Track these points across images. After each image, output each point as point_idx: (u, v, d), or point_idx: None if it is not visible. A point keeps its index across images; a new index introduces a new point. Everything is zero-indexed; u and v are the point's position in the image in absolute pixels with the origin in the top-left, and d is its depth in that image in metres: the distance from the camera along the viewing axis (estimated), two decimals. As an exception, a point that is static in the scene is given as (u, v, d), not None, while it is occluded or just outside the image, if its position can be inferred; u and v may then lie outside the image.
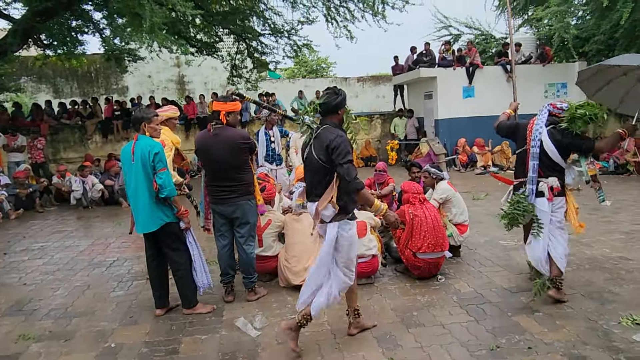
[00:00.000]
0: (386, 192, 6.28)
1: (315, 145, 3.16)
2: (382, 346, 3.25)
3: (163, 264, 3.98)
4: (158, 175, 3.65)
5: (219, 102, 4.01)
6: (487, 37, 17.56)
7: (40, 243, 6.72)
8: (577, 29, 13.04)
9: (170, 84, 18.63)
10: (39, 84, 17.53)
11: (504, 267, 4.79)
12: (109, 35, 10.24)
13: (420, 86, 14.45)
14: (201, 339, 3.49)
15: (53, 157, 13.02)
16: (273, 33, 13.31)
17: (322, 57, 30.70)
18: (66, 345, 3.48)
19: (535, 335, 3.29)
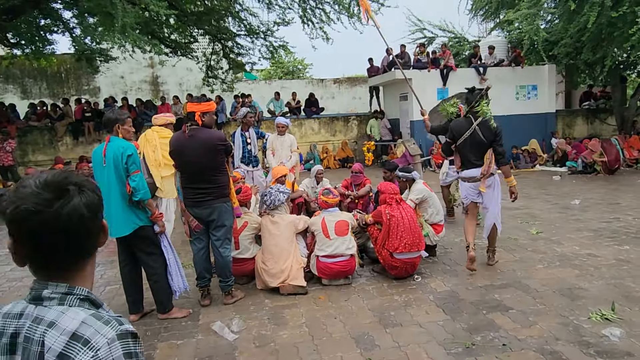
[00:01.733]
0: (363, 193, 6.31)
1: (482, 130, 4.55)
2: (360, 346, 3.26)
3: (137, 268, 3.89)
4: (131, 177, 3.57)
5: (194, 103, 3.96)
6: (461, 40, 17.89)
7: (6, 249, 6.49)
8: (547, 32, 13.41)
9: (144, 84, 18.29)
10: (6, 84, 16.95)
11: (479, 266, 4.87)
12: (79, 35, 10.00)
13: (395, 88, 14.61)
14: (177, 344, 3.43)
15: (21, 159, 12.60)
16: (249, 34, 13.26)
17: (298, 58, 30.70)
18: (35, 354, 3.37)
19: (510, 332, 3.36)
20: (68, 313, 0.92)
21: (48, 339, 0.90)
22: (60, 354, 0.88)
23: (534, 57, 14.63)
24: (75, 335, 0.89)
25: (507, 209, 7.53)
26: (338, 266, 4.37)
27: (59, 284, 0.96)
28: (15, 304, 1.00)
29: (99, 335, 0.90)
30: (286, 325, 3.67)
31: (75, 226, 0.95)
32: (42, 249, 0.95)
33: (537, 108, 14.18)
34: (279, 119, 6.94)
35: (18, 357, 0.93)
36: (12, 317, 0.97)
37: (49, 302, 0.95)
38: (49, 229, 0.93)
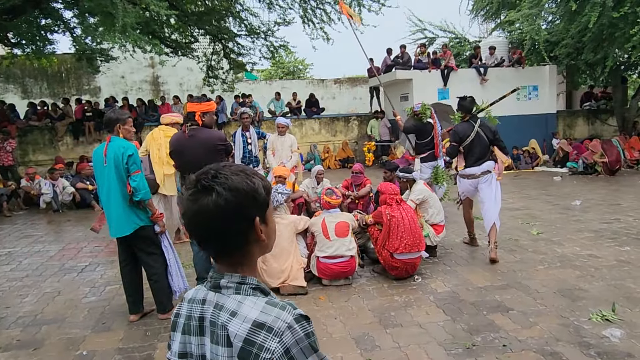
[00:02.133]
0: (363, 193, 6.30)
1: (484, 130, 5.14)
2: (360, 347, 3.26)
3: (137, 268, 3.89)
4: (132, 177, 3.57)
5: (194, 103, 3.96)
6: (461, 41, 17.88)
7: (7, 248, 6.50)
8: (548, 33, 13.40)
9: (145, 84, 18.28)
10: (7, 83, 16.94)
11: (479, 267, 4.87)
12: (80, 35, 9.99)
13: (396, 88, 14.59)
14: (177, 344, 3.42)
15: (21, 159, 12.60)
16: (249, 34, 13.24)
17: (299, 58, 30.70)
18: (35, 354, 3.36)
19: (510, 333, 3.36)
20: (246, 302, 1.02)
21: (232, 326, 0.99)
22: (246, 339, 0.97)
23: (535, 57, 14.62)
24: (258, 322, 0.98)
25: (508, 210, 7.53)
26: (338, 267, 4.36)
27: (233, 275, 1.06)
28: (197, 291, 1.12)
29: (280, 321, 0.98)
30: (286, 325, 3.66)
31: (225, 222, 1.03)
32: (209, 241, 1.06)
33: (538, 109, 14.16)
34: (279, 119, 6.94)
35: (207, 339, 1.05)
36: (196, 302, 1.10)
37: (226, 291, 1.05)
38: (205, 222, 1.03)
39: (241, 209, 1.03)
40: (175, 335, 1.12)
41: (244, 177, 1.05)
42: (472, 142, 5.11)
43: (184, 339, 1.10)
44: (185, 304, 1.13)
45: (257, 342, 0.96)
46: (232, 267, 1.07)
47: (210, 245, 1.07)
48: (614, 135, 13.59)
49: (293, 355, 0.97)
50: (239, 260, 1.08)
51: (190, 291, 1.14)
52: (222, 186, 1.02)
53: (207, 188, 1.02)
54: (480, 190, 5.17)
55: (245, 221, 1.05)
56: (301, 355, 0.98)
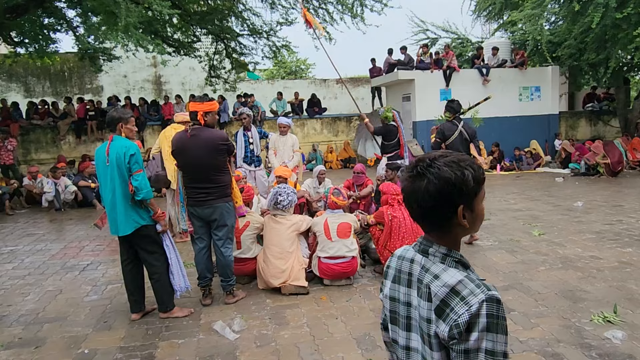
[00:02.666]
0: (365, 193, 6.30)
1: (466, 130, 5.75)
2: (361, 347, 3.26)
3: (139, 267, 3.89)
4: (134, 177, 3.57)
5: (196, 102, 3.96)
6: (464, 41, 17.86)
7: (9, 247, 6.51)
8: (550, 33, 13.37)
9: (147, 84, 18.30)
10: (9, 82, 16.97)
11: (480, 267, 4.86)
12: (82, 34, 10.02)
13: (398, 88, 14.59)
14: (178, 343, 3.43)
15: (24, 158, 12.63)
16: (252, 34, 13.25)
17: (301, 58, 30.70)
18: (37, 352, 3.37)
19: (511, 334, 3.35)
20: (448, 271, 1.18)
21: (433, 286, 1.17)
22: (443, 300, 1.15)
23: (538, 58, 14.60)
24: (455, 290, 1.14)
25: (510, 211, 7.53)
26: (340, 267, 4.36)
27: (440, 246, 1.22)
28: (406, 250, 1.32)
29: (472, 295, 1.12)
30: (287, 325, 3.66)
31: (440, 200, 1.18)
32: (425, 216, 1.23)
33: (540, 109, 14.15)
34: (280, 119, 6.94)
35: (414, 291, 1.25)
36: (405, 260, 1.30)
37: (432, 258, 1.22)
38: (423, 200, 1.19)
39: (446, 196, 1.17)
40: (386, 282, 1.36)
41: (456, 168, 1.17)
42: (454, 140, 5.74)
43: (393, 287, 1.31)
44: (395, 259, 1.34)
45: (451, 305, 1.13)
46: (439, 239, 1.24)
47: (420, 219, 1.25)
48: (617, 137, 13.57)
49: (471, 324, 1.10)
50: (445, 235, 1.23)
51: (399, 249, 1.35)
52: (433, 175, 1.17)
53: (421, 174, 1.19)
54: None
55: (449, 207, 1.18)
56: (477, 327, 1.10)
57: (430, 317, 1.17)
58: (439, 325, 1.14)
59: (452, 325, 1.12)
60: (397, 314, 1.30)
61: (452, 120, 5.88)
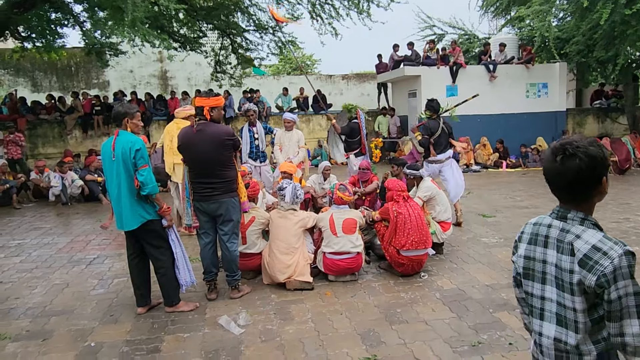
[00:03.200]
0: (370, 189, 6.29)
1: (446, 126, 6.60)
2: (366, 343, 3.27)
3: (145, 261, 3.92)
4: (139, 172, 3.59)
5: (202, 98, 3.96)
6: (471, 37, 17.74)
7: (17, 240, 6.57)
8: (558, 30, 13.25)
9: (153, 79, 18.34)
10: (17, 77, 17.07)
11: (485, 264, 4.85)
12: (89, 29, 10.03)
13: (404, 84, 14.53)
14: (184, 337, 3.45)
15: (31, 152, 12.72)
16: (257, 29, 13.22)
17: (307, 54, 30.64)
18: (44, 345, 3.41)
19: (516, 331, 3.34)
20: (587, 232, 1.47)
21: (576, 244, 1.46)
22: (586, 255, 1.42)
23: (545, 54, 14.48)
24: (596, 246, 1.42)
25: (516, 208, 7.49)
26: (344, 263, 4.37)
27: (578, 212, 1.51)
28: (542, 218, 1.61)
29: (613, 250, 1.40)
30: (292, 320, 3.68)
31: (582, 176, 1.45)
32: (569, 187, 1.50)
33: (547, 106, 14.05)
34: (285, 115, 6.94)
35: (550, 250, 1.53)
36: (542, 225, 1.59)
37: (571, 222, 1.51)
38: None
39: (594, 171, 1.45)
40: (520, 245, 1.65)
41: (597, 147, 1.46)
42: (439, 136, 6.54)
43: (529, 248, 1.61)
44: (530, 225, 1.64)
45: (594, 258, 1.40)
46: (577, 207, 1.51)
47: (563, 193, 1.53)
48: (624, 134, 13.45)
49: (616, 274, 1.37)
50: (583, 203, 1.51)
51: (534, 218, 1.65)
52: (583, 154, 1.43)
53: (572, 155, 1.44)
54: (444, 172, 6.65)
55: (595, 179, 1.47)
56: (621, 277, 1.37)
57: (573, 269, 1.44)
58: (584, 275, 1.41)
59: (599, 275, 1.38)
60: (533, 270, 1.59)
61: (435, 119, 6.63)
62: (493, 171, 12.30)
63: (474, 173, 11.97)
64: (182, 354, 3.22)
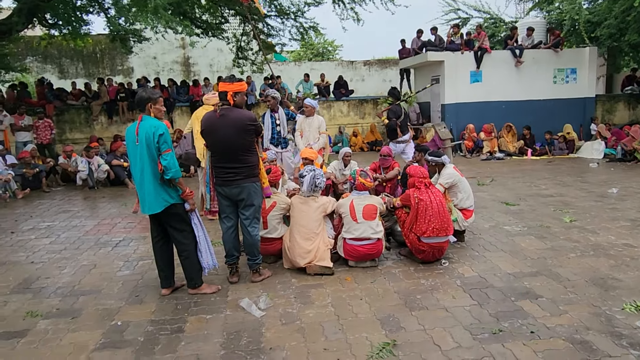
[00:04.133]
0: (391, 176, 6.26)
1: (405, 111, 7.71)
2: (385, 328, 3.28)
3: (168, 244, 4.00)
4: (163, 156, 3.64)
5: (226, 83, 3.98)
6: (497, 21, 17.28)
7: (47, 222, 6.79)
8: (589, 12, 12.78)
9: (176, 65, 18.52)
10: (44, 64, 17.48)
11: (508, 252, 4.79)
12: (114, 15, 10.16)
13: (427, 70, 14.30)
14: (206, 319, 3.53)
15: (59, 137, 13.04)
16: (279, 14, 13.17)
17: (328, 39, 30.38)
18: (73, 323, 3.53)
19: (538, 320, 3.31)
20: None
21: None
22: None
23: (575, 39, 14.01)
24: None
25: (540, 196, 7.35)
26: (365, 249, 4.37)
27: None
28: None
29: None
30: (312, 304, 3.71)
31: None
32: None
33: (575, 92, 13.64)
34: (306, 101, 6.92)
35: None
36: None
37: None
38: None
39: None
40: None
41: None
42: (404, 118, 7.84)
43: None
44: None
45: None
46: None
47: None
48: (657, 121, 12.97)
49: None
50: None
51: None
52: None
53: None
54: (407, 151, 7.79)
55: None
56: None
57: None
58: None
59: None
60: None
61: (398, 104, 7.96)
62: (517, 159, 12.05)
63: (498, 161, 11.75)
64: (205, 334, 3.29)
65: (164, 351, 3.08)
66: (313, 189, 4.51)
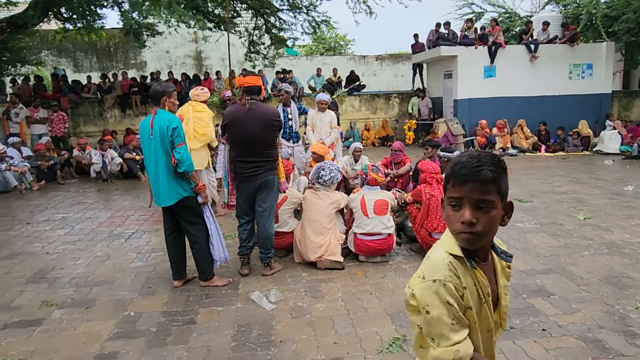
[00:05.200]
0: (403, 171, 6.24)
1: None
2: (395, 323, 3.28)
3: (181, 237, 4.04)
4: (176, 150, 3.67)
5: (256, 77, 4.03)
6: (511, 15, 17.04)
7: (61, 214, 6.89)
8: (607, 7, 12.54)
9: (188, 59, 18.62)
10: (59, 57, 17.69)
11: (520, 250, 4.75)
12: (127, 9, 10.23)
13: (440, 65, 14.17)
14: (217, 311, 3.57)
15: (73, 130, 13.21)
16: (291, 8, 13.15)
17: (340, 34, 30.26)
18: (87, 313, 3.59)
19: (550, 318, 3.28)
20: None
21: None
22: None
23: (592, 33, 13.76)
24: None
25: (553, 193, 7.27)
26: (375, 244, 4.37)
27: None
28: None
29: None
30: (322, 298, 3.73)
31: None
32: None
33: (591, 88, 13.41)
34: (319, 95, 6.91)
35: None
36: None
37: None
38: None
39: None
40: None
41: None
42: None
43: None
44: None
45: None
46: None
47: None
48: (675, 118, 12.72)
49: None
50: None
51: None
52: None
53: None
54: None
55: None
56: None
57: None
58: None
59: None
60: None
61: (334, 99, 8.57)
62: (531, 155, 11.92)
63: (511, 157, 11.64)
64: (216, 326, 3.33)
65: (175, 342, 3.12)
66: (317, 180, 4.52)
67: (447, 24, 13.62)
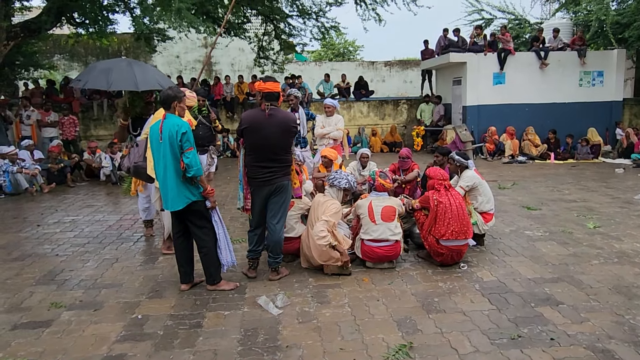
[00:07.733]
0: (411, 178, 6.23)
1: None
2: (402, 330, 3.27)
3: (189, 241, 4.06)
4: (185, 154, 3.70)
5: (276, 83, 4.06)
6: (521, 22, 17.00)
7: (71, 216, 6.96)
8: (618, 14, 12.47)
9: (198, 64, 18.75)
10: (71, 61, 17.90)
11: (528, 258, 4.72)
12: (139, 15, 10.35)
13: (449, 71, 14.16)
14: (224, 315, 3.58)
15: (83, 134, 13.34)
16: (301, 14, 13.22)
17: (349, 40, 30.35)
18: (96, 315, 3.62)
19: (559, 327, 3.25)
20: None
21: None
22: None
23: (602, 40, 13.67)
24: None
25: (563, 201, 7.21)
26: (383, 250, 4.36)
27: None
28: None
29: None
30: (329, 304, 3.73)
31: None
32: None
33: (602, 96, 13.32)
34: (326, 100, 6.94)
35: None
36: None
37: None
38: None
39: None
40: None
41: None
42: None
43: None
44: None
45: None
46: None
47: None
48: (687, 127, 12.57)
49: None
50: None
51: None
52: None
53: None
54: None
55: None
56: None
57: None
58: None
59: None
60: None
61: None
62: (540, 162, 11.84)
63: (520, 164, 11.57)
64: (223, 330, 3.33)
65: (182, 345, 3.13)
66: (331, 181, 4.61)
67: (456, 31, 13.61)
